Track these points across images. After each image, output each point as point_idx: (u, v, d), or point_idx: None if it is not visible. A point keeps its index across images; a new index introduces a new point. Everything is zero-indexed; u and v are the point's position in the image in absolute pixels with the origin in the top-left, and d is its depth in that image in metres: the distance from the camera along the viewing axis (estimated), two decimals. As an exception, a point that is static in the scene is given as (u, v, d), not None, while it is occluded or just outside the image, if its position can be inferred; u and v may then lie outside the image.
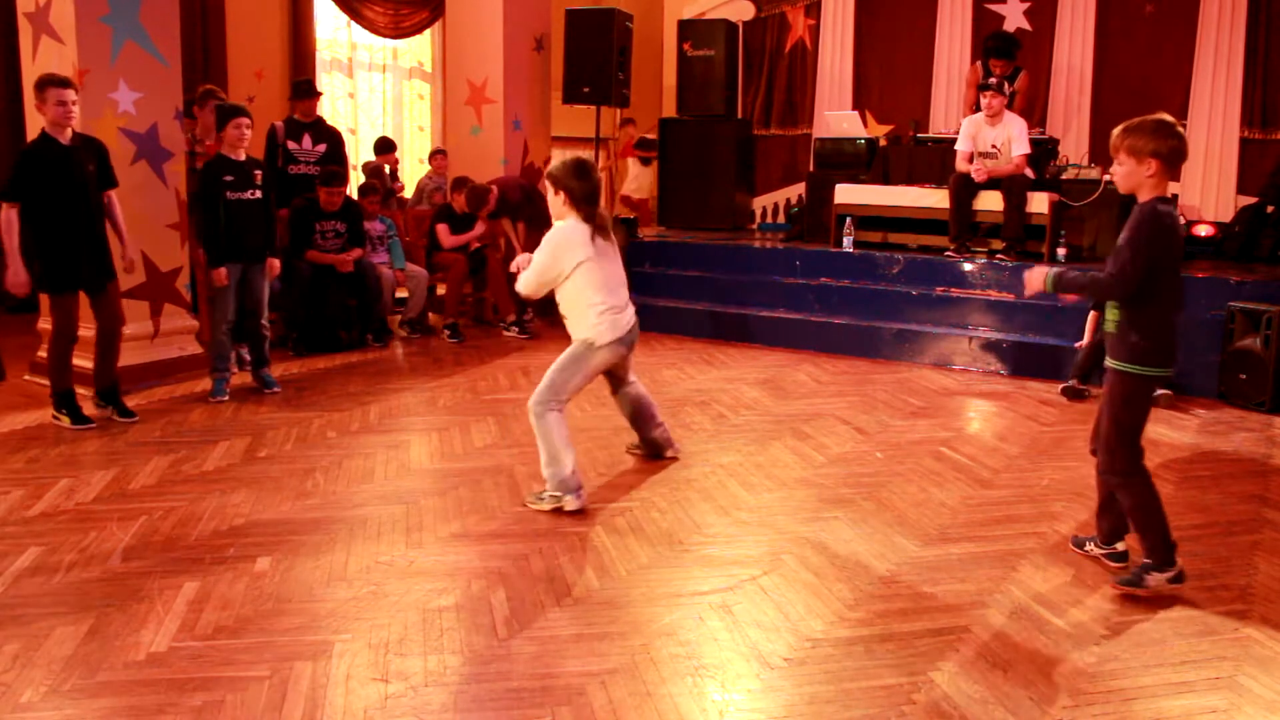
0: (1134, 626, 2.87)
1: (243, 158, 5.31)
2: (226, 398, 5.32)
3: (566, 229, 3.84)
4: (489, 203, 7.32)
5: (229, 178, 5.23)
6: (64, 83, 4.61)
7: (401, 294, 7.41)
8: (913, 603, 3.01)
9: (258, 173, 5.36)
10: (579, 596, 3.02)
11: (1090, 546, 3.39)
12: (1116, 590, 3.09)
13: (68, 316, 4.74)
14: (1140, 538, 3.11)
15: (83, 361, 5.05)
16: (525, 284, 3.92)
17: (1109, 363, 3.11)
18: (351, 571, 3.17)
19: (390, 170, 9.19)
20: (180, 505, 3.75)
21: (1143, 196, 3.02)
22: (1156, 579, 3.06)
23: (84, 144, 4.76)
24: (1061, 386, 5.75)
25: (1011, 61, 7.85)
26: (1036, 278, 3.18)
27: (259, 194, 5.35)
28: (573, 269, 3.82)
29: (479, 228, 7.40)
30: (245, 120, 5.28)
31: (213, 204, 5.21)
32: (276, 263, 5.55)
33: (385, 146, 9.46)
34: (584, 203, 3.85)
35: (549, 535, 3.52)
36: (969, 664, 2.64)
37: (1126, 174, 3.02)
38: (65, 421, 4.78)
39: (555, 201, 3.88)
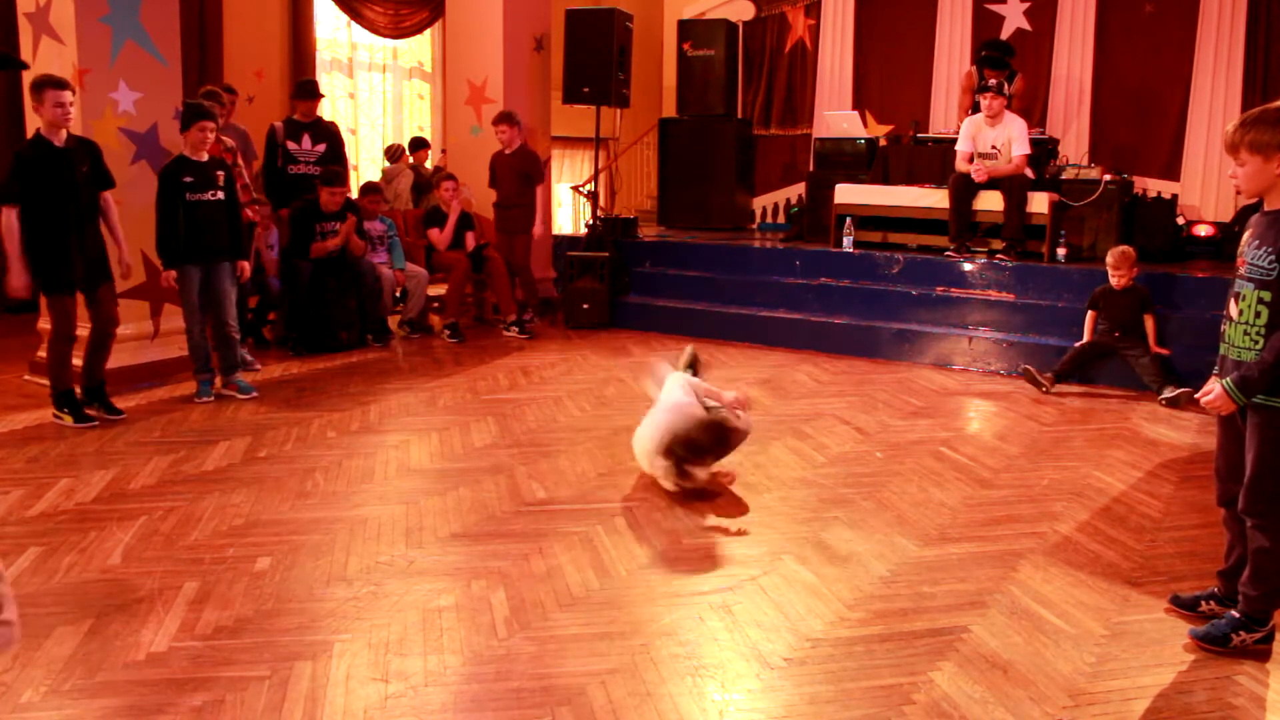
0: (1134, 626, 2.86)
1: (205, 158, 5.28)
2: (211, 399, 5.32)
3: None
4: (516, 119, 7.35)
5: (188, 178, 5.18)
6: (61, 84, 4.60)
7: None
8: (913, 603, 3.01)
9: (220, 173, 5.31)
10: (579, 596, 3.02)
11: (1211, 605, 2.90)
12: (1192, 644, 2.75)
13: (65, 317, 4.75)
14: (1250, 583, 2.70)
15: (78, 361, 5.06)
16: None
17: (1257, 399, 2.61)
18: (351, 571, 3.17)
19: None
20: (180, 505, 3.75)
21: (1274, 200, 2.64)
22: (1244, 639, 2.71)
23: (79, 145, 4.75)
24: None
25: (1005, 71, 7.87)
26: (1223, 396, 2.63)
27: (221, 195, 5.29)
28: None
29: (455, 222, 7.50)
30: (210, 124, 5.24)
31: (169, 205, 5.15)
32: (246, 265, 5.51)
33: (419, 144, 9.74)
34: None
35: (549, 535, 3.51)
36: (969, 664, 2.64)
37: (1252, 174, 2.62)
38: (67, 420, 4.79)
39: None
